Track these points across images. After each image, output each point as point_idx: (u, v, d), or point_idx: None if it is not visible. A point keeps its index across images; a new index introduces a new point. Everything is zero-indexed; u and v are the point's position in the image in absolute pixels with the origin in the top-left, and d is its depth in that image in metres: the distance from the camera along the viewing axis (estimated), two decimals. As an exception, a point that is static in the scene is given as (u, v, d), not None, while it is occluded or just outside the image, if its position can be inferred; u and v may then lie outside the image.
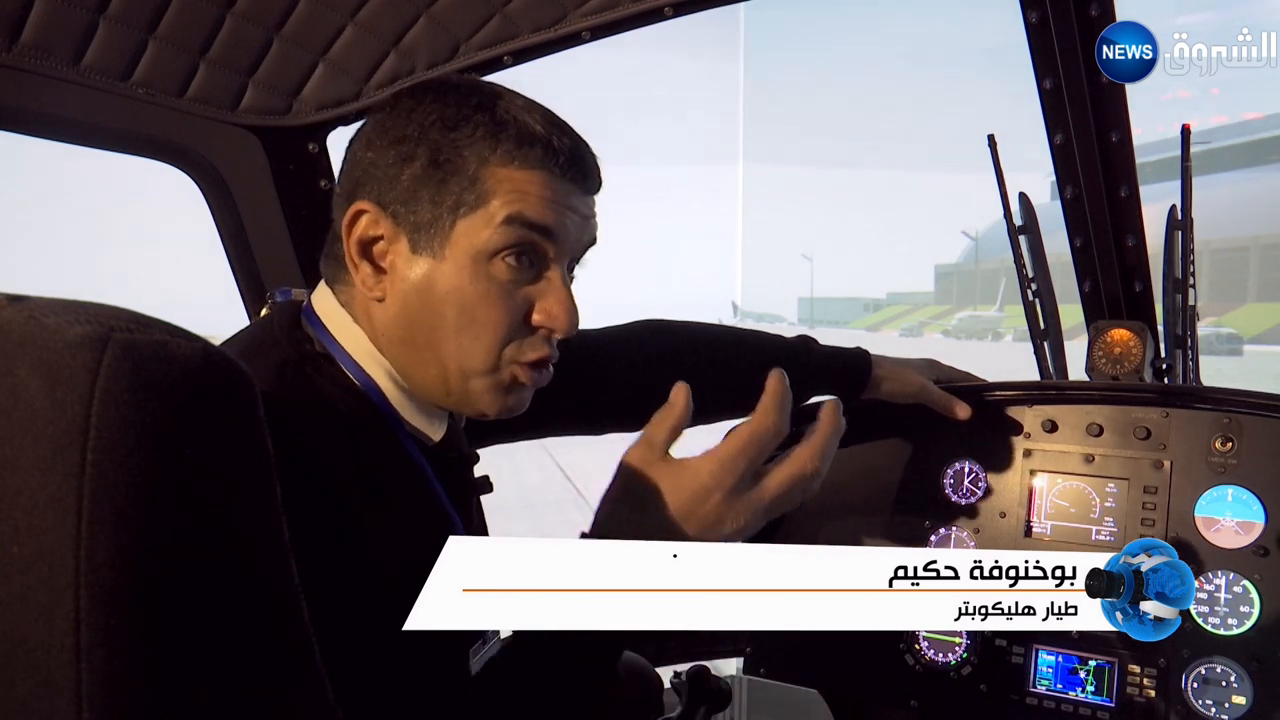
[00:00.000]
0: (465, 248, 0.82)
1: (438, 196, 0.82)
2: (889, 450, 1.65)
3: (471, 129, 0.82)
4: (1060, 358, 1.82)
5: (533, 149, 0.83)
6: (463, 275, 0.83)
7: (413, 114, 0.83)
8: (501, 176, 0.82)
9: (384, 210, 0.83)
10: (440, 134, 0.82)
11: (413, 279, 0.83)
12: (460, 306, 0.83)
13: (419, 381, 0.87)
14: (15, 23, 1.08)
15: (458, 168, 0.82)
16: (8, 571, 0.42)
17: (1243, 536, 1.39)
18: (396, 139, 0.83)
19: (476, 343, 0.84)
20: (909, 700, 1.56)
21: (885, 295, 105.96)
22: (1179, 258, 1.62)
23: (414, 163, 0.82)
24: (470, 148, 0.82)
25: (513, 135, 0.82)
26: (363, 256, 0.85)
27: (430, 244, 0.83)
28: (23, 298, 0.45)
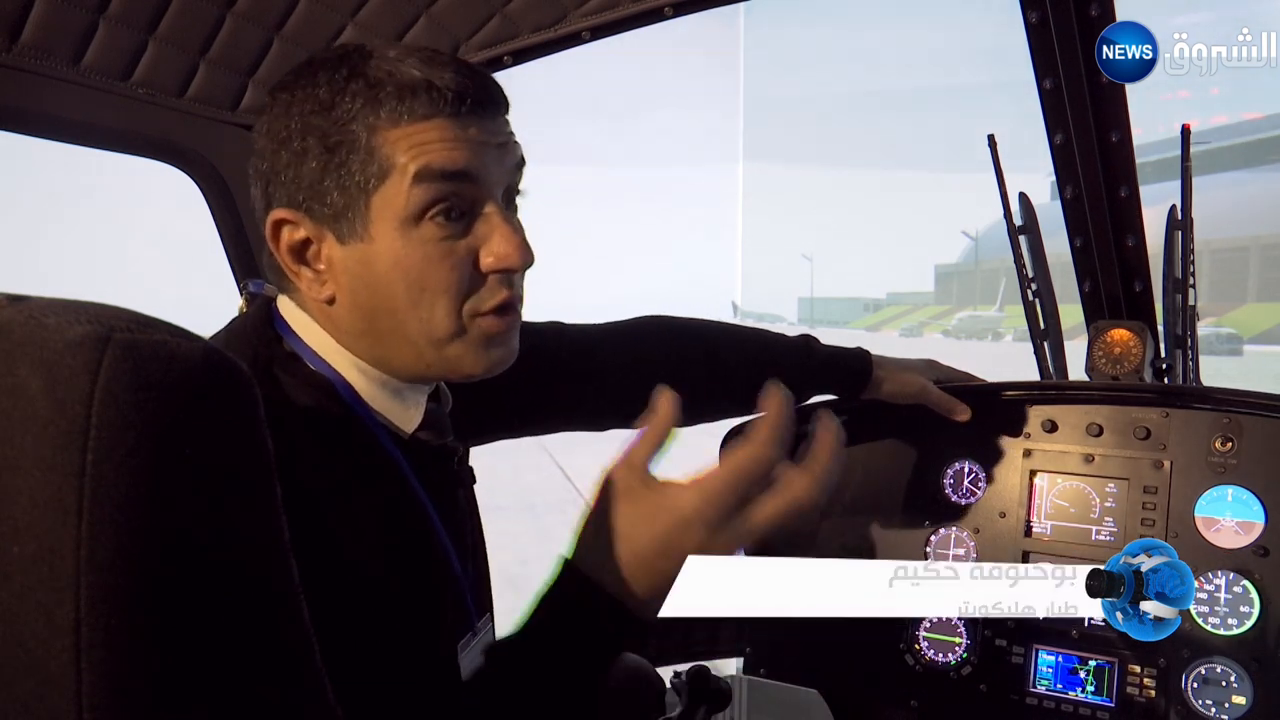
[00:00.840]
0: (388, 220, 0.79)
1: (342, 181, 0.79)
2: (889, 450, 1.65)
3: (349, 101, 0.78)
4: (1060, 358, 1.82)
5: (416, 98, 0.78)
6: (396, 249, 0.79)
7: (290, 108, 0.80)
8: (395, 137, 0.78)
9: (299, 211, 0.81)
10: (321, 118, 0.79)
11: (352, 270, 0.81)
12: (405, 280, 0.80)
13: (397, 366, 0.85)
14: (15, 23, 1.08)
15: (351, 145, 0.78)
16: (8, 571, 0.42)
17: (1243, 536, 1.39)
18: (283, 139, 0.80)
19: (434, 310, 0.81)
20: (909, 700, 1.56)
21: (885, 295, 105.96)
22: (1179, 258, 1.62)
23: (308, 156, 0.79)
24: (355, 120, 0.78)
25: (392, 93, 0.78)
26: (298, 262, 0.83)
27: (354, 229, 0.80)
28: (23, 298, 0.45)
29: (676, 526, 0.73)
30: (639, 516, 0.74)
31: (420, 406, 0.90)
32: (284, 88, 0.82)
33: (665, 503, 0.73)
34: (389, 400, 0.87)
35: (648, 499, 0.74)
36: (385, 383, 0.87)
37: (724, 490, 0.73)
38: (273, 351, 0.84)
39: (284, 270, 0.84)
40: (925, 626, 1.58)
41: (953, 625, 1.56)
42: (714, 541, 0.73)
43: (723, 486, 0.73)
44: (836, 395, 1.52)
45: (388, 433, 0.87)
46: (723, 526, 0.73)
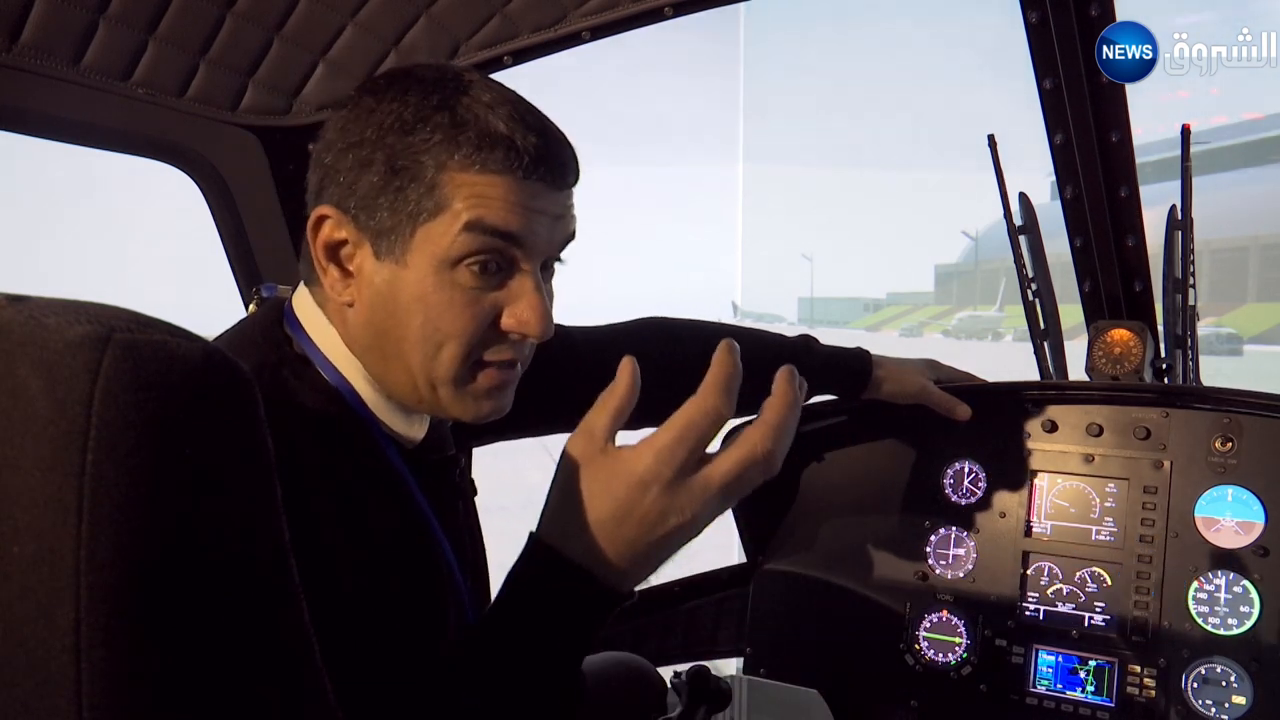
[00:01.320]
0: (427, 255, 0.79)
1: (396, 204, 0.79)
2: (889, 450, 1.65)
3: (430, 131, 0.78)
4: (1060, 358, 1.82)
5: (493, 152, 0.78)
6: (426, 283, 0.79)
7: (372, 115, 0.80)
8: (460, 182, 0.78)
9: (345, 215, 0.81)
10: (397, 138, 0.79)
11: (378, 285, 0.81)
12: (425, 316, 0.80)
13: (391, 387, 0.85)
14: (15, 23, 1.08)
15: (415, 174, 0.78)
16: (8, 571, 0.42)
17: (1243, 536, 1.39)
18: (354, 142, 0.80)
19: (442, 352, 0.81)
20: (909, 700, 1.56)
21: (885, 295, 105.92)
22: (1179, 258, 1.62)
23: (371, 168, 0.79)
24: (428, 153, 0.78)
25: (472, 138, 0.78)
26: (329, 259, 0.83)
27: (393, 250, 0.80)
28: (23, 298, 0.45)
29: (634, 489, 0.71)
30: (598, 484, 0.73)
31: (425, 422, 0.90)
32: (373, 91, 0.82)
33: (620, 467, 0.72)
34: (394, 413, 0.87)
35: (605, 465, 0.73)
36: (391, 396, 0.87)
37: (674, 446, 0.71)
38: (282, 353, 0.84)
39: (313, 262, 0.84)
40: (925, 626, 1.58)
41: (953, 625, 1.56)
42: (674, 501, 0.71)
43: (674, 441, 0.72)
44: (836, 395, 1.53)
45: (392, 442, 0.87)
46: (680, 485, 0.71)
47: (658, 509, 0.71)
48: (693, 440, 0.72)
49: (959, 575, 1.57)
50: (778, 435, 0.74)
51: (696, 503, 0.72)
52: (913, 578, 1.59)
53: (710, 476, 0.72)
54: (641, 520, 0.72)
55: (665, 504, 0.71)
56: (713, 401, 0.73)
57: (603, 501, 0.72)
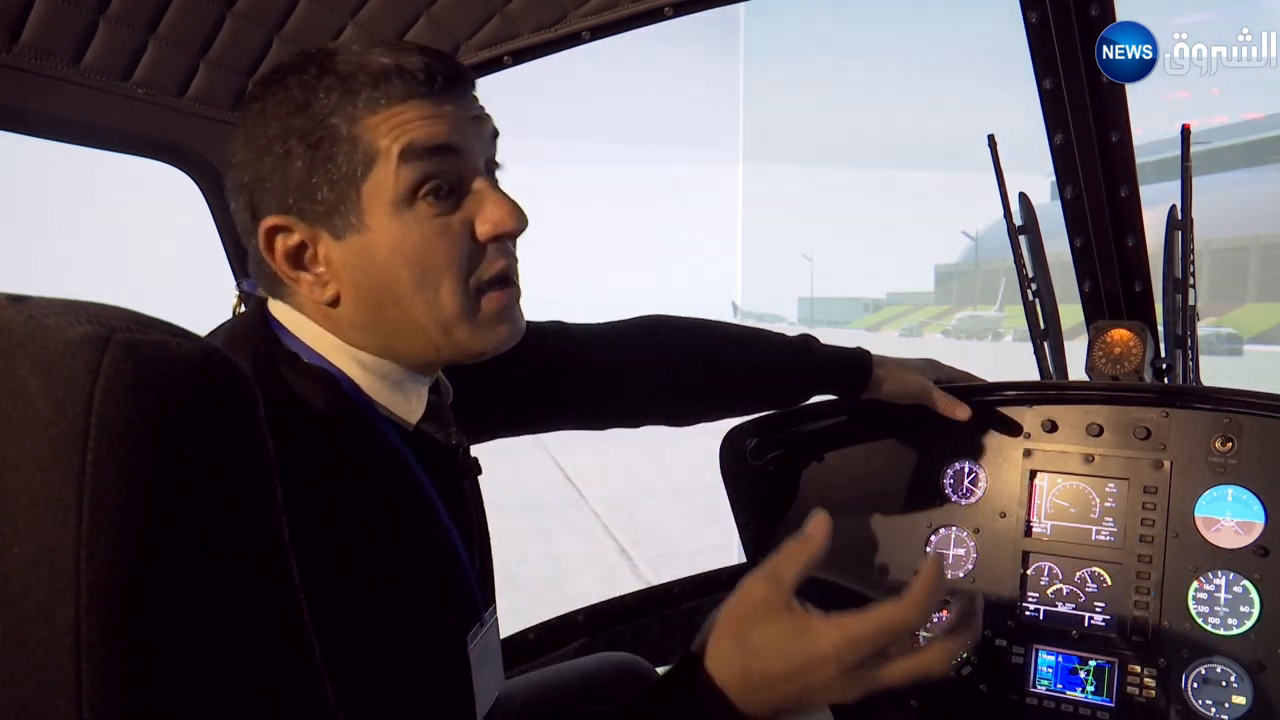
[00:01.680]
0: (381, 207, 0.80)
1: (330, 175, 0.79)
2: (889, 450, 1.65)
3: (325, 95, 0.79)
4: (1060, 358, 1.82)
5: (389, 82, 0.79)
6: (393, 232, 0.80)
7: (265, 114, 0.80)
8: (375, 122, 0.79)
9: (290, 214, 0.81)
10: (299, 118, 0.79)
11: (352, 264, 0.81)
12: (407, 264, 0.81)
13: (406, 354, 0.86)
14: (15, 23, 1.08)
15: (333, 138, 0.79)
16: (8, 571, 0.42)
17: (1243, 536, 1.39)
18: (263, 145, 0.80)
19: (440, 289, 0.82)
20: (909, 700, 1.56)
21: (885, 295, 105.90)
22: (1179, 258, 1.62)
23: (291, 157, 0.79)
24: (334, 114, 0.79)
25: (365, 81, 0.79)
26: (296, 268, 0.82)
27: (349, 222, 0.80)
28: (23, 298, 0.45)
29: (812, 660, 0.74)
30: (779, 639, 0.75)
31: (422, 398, 0.90)
32: (254, 99, 0.82)
33: (807, 632, 0.74)
34: (390, 393, 0.87)
35: (790, 625, 0.75)
36: (385, 375, 0.87)
37: (865, 640, 0.74)
38: (274, 350, 0.84)
39: (279, 277, 0.84)
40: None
41: (953, 625, 1.56)
42: (842, 684, 0.75)
43: (865, 637, 0.74)
44: (837, 395, 1.53)
45: (392, 426, 0.87)
46: (854, 673, 0.75)
47: (824, 685, 0.75)
48: (882, 640, 0.75)
49: (959, 575, 1.57)
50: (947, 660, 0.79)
51: (861, 689, 0.76)
52: (913, 578, 1.59)
53: (883, 675, 0.77)
54: (807, 687, 0.75)
55: (833, 684, 0.75)
56: (915, 615, 0.76)
57: (778, 657, 0.74)
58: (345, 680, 0.57)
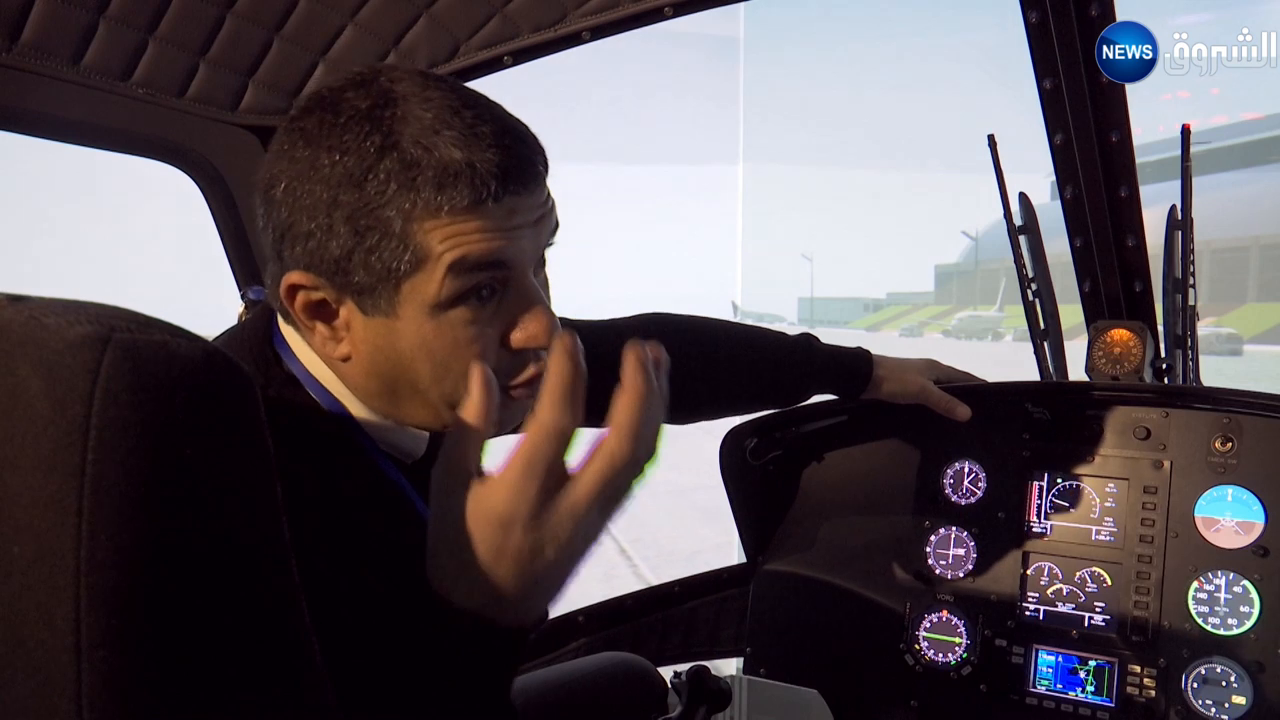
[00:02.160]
0: (417, 305, 0.75)
1: (370, 263, 0.73)
2: (889, 450, 1.65)
3: (383, 181, 0.71)
4: (1060, 358, 1.82)
5: (457, 188, 0.72)
6: (425, 331, 0.75)
7: (315, 170, 0.73)
8: (431, 228, 0.72)
9: (320, 278, 0.75)
10: (350, 194, 0.72)
11: (373, 339, 0.77)
12: (431, 361, 0.76)
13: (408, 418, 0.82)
14: (15, 23, 1.08)
15: (383, 231, 0.72)
16: (8, 571, 0.42)
17: (1243, 536, 1.39)
18: (307, 206, 0.73)
19: (459, 385, 0.75)
20: (909, 700, 1.56)
21: (885, 295, 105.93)
22: (1179, 258, 1.62)
23: (334, 233, 0.73)
24: (388, 205, 0.72)
25: (430, 179, 0.71)
26: (313, 318, 0.78)
27: (379, 306, 0.75)
28: (23, 298, 0.45)
29: (496, 531, 0.65)
30: (468, 526, 0.66)
31: (425, 438, 0.88)
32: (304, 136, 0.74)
33: (480, 507, 0.65)
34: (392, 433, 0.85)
35: (470, 501, 0.66)
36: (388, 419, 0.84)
37: (525, 479, 0.64)
38: (269, 375, 0.81)
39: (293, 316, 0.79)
40: (925, 626, 1.58)
41: (953, 625, 1.56)
42: (542, 534, 0.64)
43: (521, 476, 0.64)
44: (837, 395, 1.53)
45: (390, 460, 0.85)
46: (543, 516, 0.64)
47: (528, 546, 0.65)
48: (540, 468, 0.64)
49: (959, 575, 1.57)
50: (633, 435, 0.65)
51: (568, 527, 0.65)
52: (913, 578, 1.59)
53: (576, 500, 0.65)
54: (515, 559, 0.65)
55: (534, 539, 0.65)
56: (551, 417, 0.64)
57: (475, 546, 0.66)
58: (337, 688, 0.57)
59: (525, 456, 0.64)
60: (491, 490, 0.65)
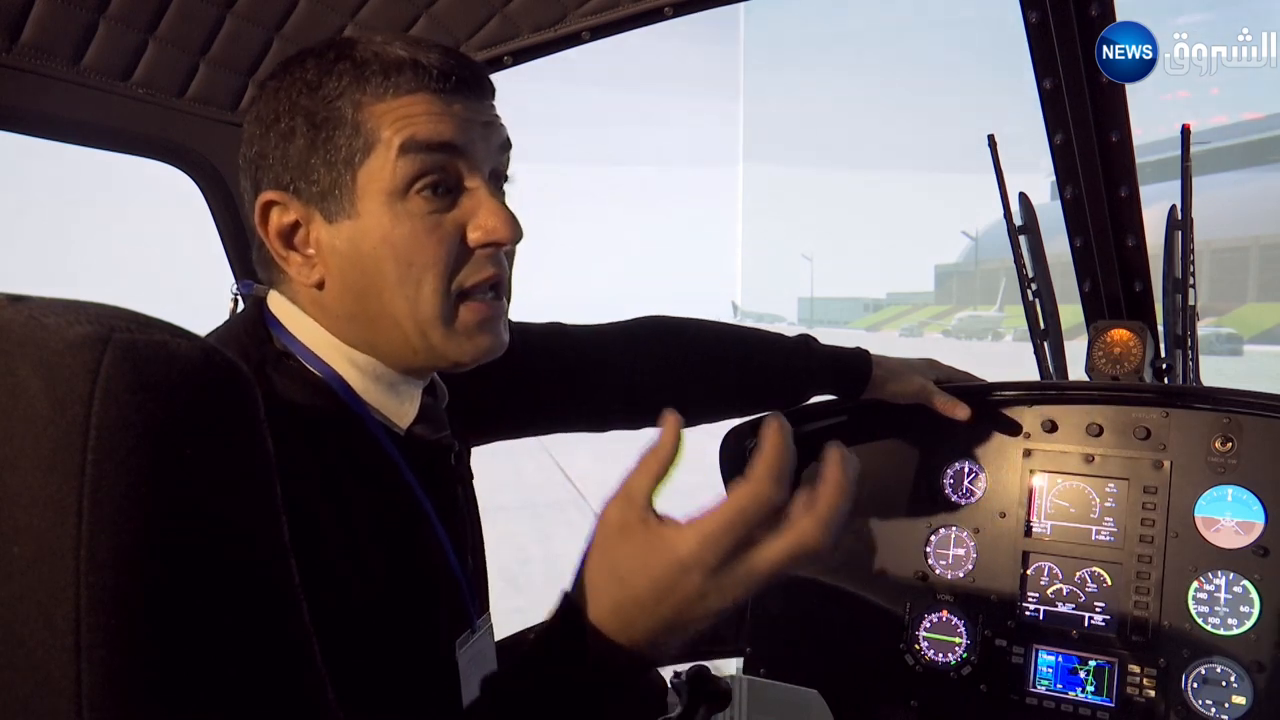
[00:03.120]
0: (375, 195, 0.80)
1: (329, 157, 0.80)
2: (889, 450, 1.65)
3: (336, 79, 0.80)
4: (1060, 358, 1.82)
5: (401, 74, 0.79)
6: (384, 223, 0.80)
7: (278, 93, 0.82)
8: (380, 111, 0.79)
9: (286, 191, 0.82)
10: (308, 98, 0.80)
11: (340, 248, 0.81)
12: (393, 256, 0.80)
13: (385, 352, 0.85)
14: (15, 23, 1.08)
15: (336, 122, 0.79)
16: (8, 571, 0.42)
17: (1243, 536, 1.39)
18: (271, 120, 0.82)
19: (422, 288, 0.81)
20: (909, 700, 1.56)
21: (885, 295, 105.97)
22: (1179, 258, 1.62)
23: (294, 135, 0.81)
24: (341, 98, 0.79)
25: (378, 70, 0.79)
26: (287, 247, 0.83)
27: (341, 206, 0.80)
28: (23, 298, 0.45)
29: (673, 571, 0.68)
30: (637, 559, 0.69)
31: (415, 400, 0.89)
32: (272, 77, 0.84)
33: (662, 545, 0.68)
34: (383, 394, 0.87)
35: (646, 540, 0.69)
36: (379, 376, 0.86)
37: (723, 534, 0.67)
38: (264, 351, 0.84)
39: (273, 259, 0.84)
40: (925, 626, 1.58)
41: (953, 625, 1.56)
42: (715, 586, 0.68)
43: (722, 530, 0.67)
44: (836, 395, 1.53)
45: (384, 429, 0.86)
46: (723, 571, 0.68)
47: (698, 592, 0.68)
48: (741, 529, 0.67)
49: (959, 575, 1.57)
50: (830, 527, 0.69)
51: (739, 588, 0.69)
52: (913, 578, 1.59)
53: (756, 565, 0.68)
54: (680, 602, 0.69)
55: (706, 588, 0.68)
56: (766, 490, 0.67)
57: (641, 578, 0.69)
58: (333, 683, 0.57)
59: (730, 514, 0.67)
60: (680, 535, 0.68)
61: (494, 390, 1.10)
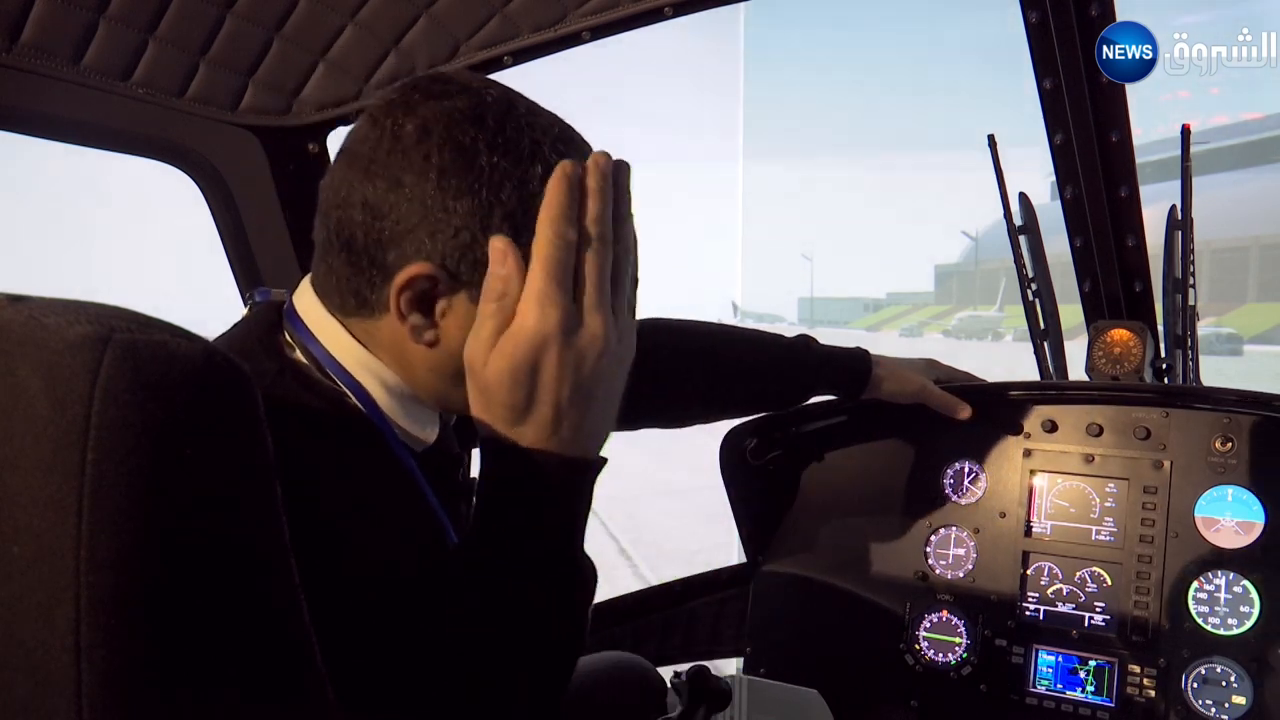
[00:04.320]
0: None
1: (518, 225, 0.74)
2: (889, 450, 1.65)
3: (538, 183, 0.74)
4: (1060, 358, 1.82)
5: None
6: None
7: (475, 159, 0.74)
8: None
9: (446, 269, 0.75)
10: (514, 196, 0.74)
11: (469, 326, 0.76)
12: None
13: (455, 404, 0.83)
14: (15, 23, 1.08)
15: (533, 231, 0.73)
16: (8, 571, 0.42)
17: (1243, 536, 1.39)
18: (464, 190, 0.73)
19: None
20: (909, 700, 1.56)
21: (885, 295, 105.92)
22: (1179, 258, 1.62)
23: (489, 229, 0.74)
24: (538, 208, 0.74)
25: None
26: (414, 309, 0.77)
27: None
28: (23, 298, 0.45)
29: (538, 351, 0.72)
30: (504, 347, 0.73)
31: (436, 420, 0.89)
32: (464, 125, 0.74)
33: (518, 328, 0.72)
34: (407, 413, 0.85)
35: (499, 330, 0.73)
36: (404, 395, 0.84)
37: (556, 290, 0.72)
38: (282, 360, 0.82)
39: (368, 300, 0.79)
40: (925, 626, 1.58)
41: (953, 625, 1.56)
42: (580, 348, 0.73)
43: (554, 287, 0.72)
44: (836, 395, 1.53)
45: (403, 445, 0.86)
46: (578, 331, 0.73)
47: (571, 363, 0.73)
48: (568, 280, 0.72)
49: (959, 575, 1.57)
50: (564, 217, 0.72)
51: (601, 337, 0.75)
52: (913, 578, 1.59)
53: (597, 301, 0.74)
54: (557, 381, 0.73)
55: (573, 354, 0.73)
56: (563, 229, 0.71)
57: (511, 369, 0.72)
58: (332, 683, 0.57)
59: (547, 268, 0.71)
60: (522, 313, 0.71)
61: None
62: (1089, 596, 1.49)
